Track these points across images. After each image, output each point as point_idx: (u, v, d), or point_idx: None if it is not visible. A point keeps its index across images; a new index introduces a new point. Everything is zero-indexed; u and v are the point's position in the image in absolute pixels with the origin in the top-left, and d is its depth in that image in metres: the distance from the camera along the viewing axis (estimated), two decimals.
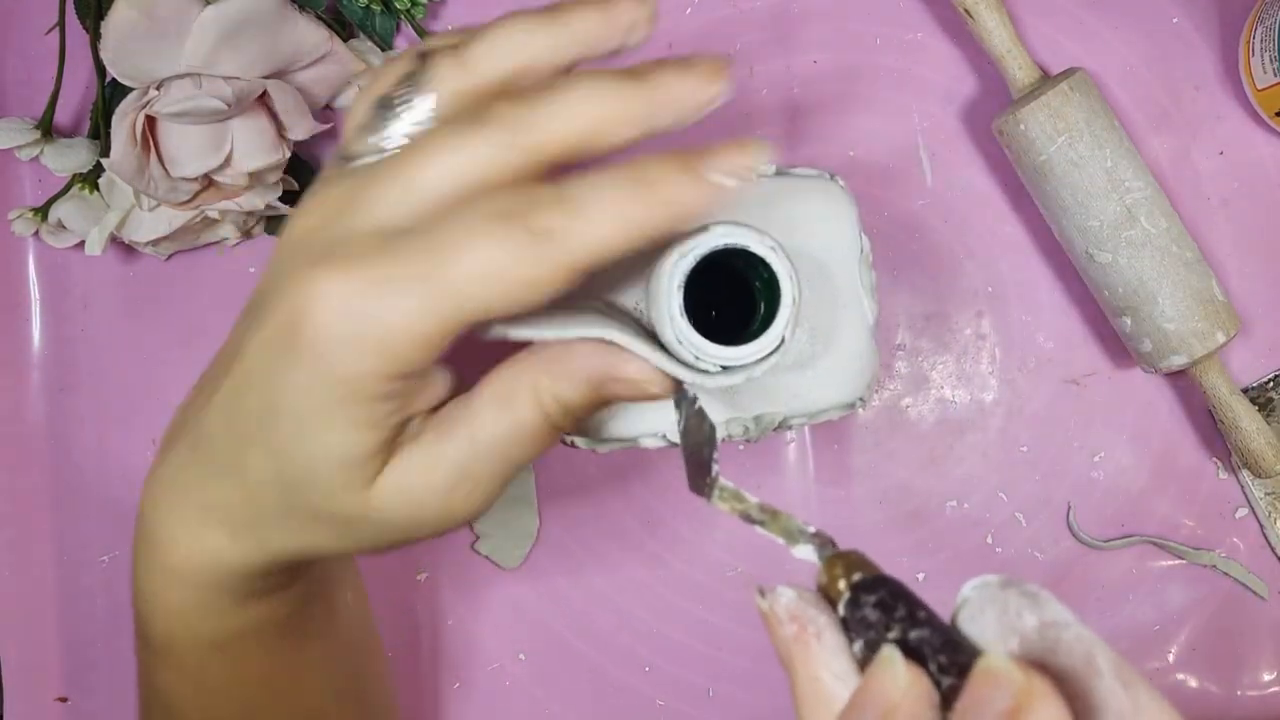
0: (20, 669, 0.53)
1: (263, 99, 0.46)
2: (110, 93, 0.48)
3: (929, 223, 0.52)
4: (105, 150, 0.47)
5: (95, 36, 0.47)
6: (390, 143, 0.28)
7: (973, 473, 0.52)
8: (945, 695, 0.22)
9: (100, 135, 0.48)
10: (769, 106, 0.52)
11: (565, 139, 0.26)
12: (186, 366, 0.52)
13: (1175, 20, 0.52)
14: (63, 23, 0.49)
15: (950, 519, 0.52)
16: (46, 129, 0.49)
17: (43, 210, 0.50)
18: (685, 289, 0.27)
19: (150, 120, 0.45)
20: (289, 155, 0.48)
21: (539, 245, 0.25)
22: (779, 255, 0.27)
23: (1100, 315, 0.51)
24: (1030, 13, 0.52)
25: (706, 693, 0.52)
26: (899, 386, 0.52)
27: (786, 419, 0.35)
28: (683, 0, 0.52)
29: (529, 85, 0.27)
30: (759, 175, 0.26)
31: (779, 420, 0.35)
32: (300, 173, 0.51)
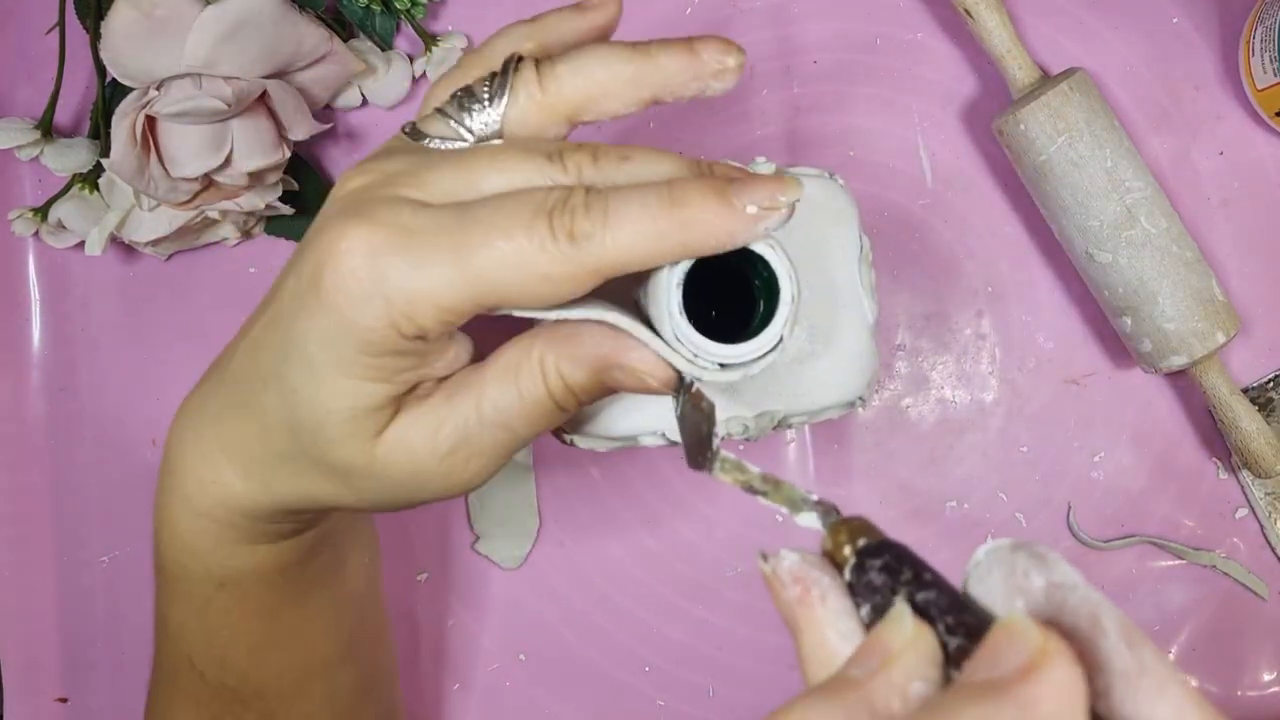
0: (20, 669, 0.53)
1: (263, 99, 0.46)
2: (110, 93, 0.48)
3: (929, 223, 0.52)
4: (105, 150, 0.47)
5: (95, 36, 0.47)
6: (463, 133, 0.29)
7: (973, 473, 0.52)
8: (952, 656, 0.22)
9: (100, 135, 0.49)
10: (769, 106, 0.52)
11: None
12: (186, 366, 0.52)
13: (1175, 20, 0.52)
14: (63, 23, 0.49)
15: (950, 519, 0.52)
16: (46, 129, 0.49)
17: (43, 210, 0.50)
18: (684, 287, 0.27)
19: (150, 120, 0.45)
20: (289, 155, 0.48)
21: (569, 246, 0.26)
22: (778, 253, 0.27)
23: (1100, 315, 0.51)
24: (1030, 13, 0.52)
25: (706, 693, 0.52)
26: (899, 386, 0.52)
27: (786, 417, 0.35)
28: (683, 0, 0.52)
29: (613, 148, 0.28)
30: (787, 205, 0.26)
31: (779, 419, 0.35)
32: (300, 173, 0.51)
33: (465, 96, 0.29)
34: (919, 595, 0.23)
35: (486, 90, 0.29)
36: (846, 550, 0.25)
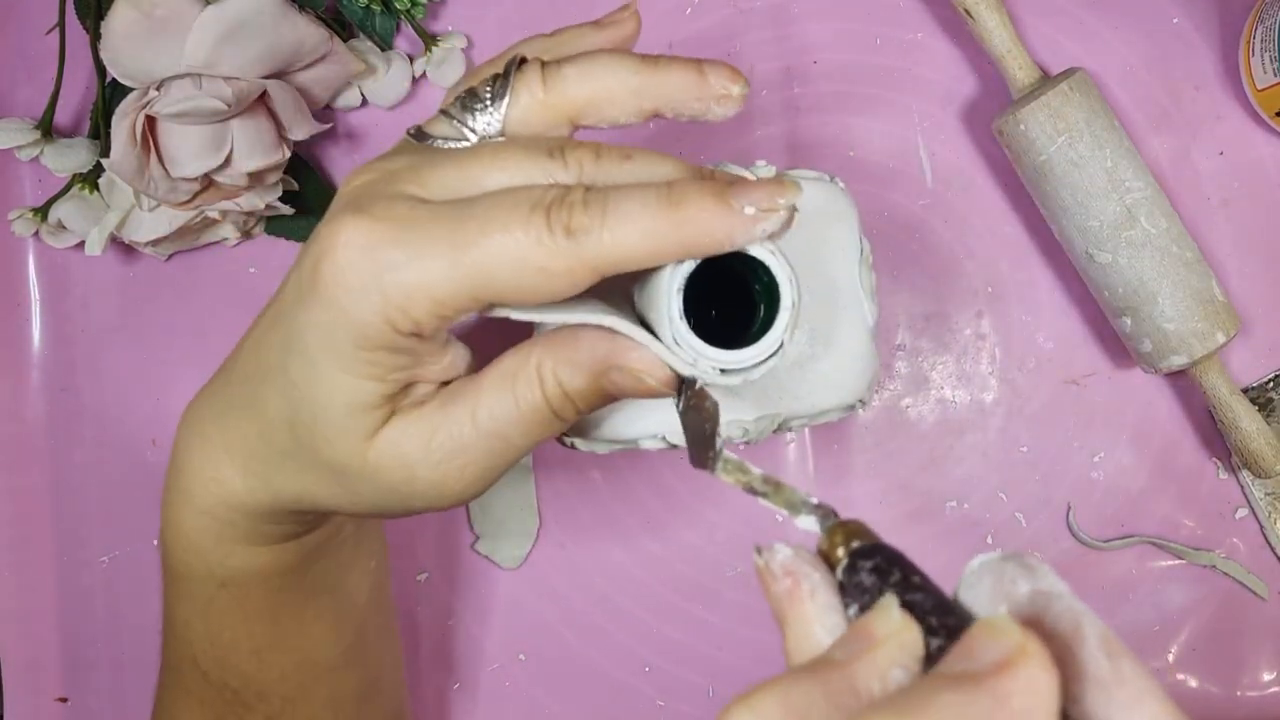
0: (20, 669, 0.53)
1: (263, 99, 0.46)
2: (110, 93, 0.48)
3: (929, 223, 0.52)
4: (105, 150, 0.47)
5: (95, 36, 0.47)
6: (466, 133, 0.29)
7: (973, 473, 0.52)
8: (934, 655, 0.22)
9: (100, 135, 0.48)
10: (769, 106, 0.52)
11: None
12: (186, 366, 0.53)
13: (1175, 20, 0.52)
14: (63, 23, 0.49)
15: (950, 519, 0.52)
16: (46, 129, 0.49)
17: (43, 210, 0.50)
18: (685, 291, 0.27)
19: (150, 120, 0.45)
20: (289, 155, 0.48)
21: (566, 242, 0.26)
22: (778, 259, 0.27)
23: (1100, 315, 0.51)
24: (1030, 13, 0.51)
25: (706, 693, 0.52)
26: (899, 386, 0.52)
27: (786, 420, 0.35)
28: (683, 1, 0.52)
29: (615, 147, 0.28)
30: (785, 207, 0.26)
31: (779, 422, 0.35)
32: (300, 173, 0.51)
33: (468, 97, 0.29)
34: (907, 596, 0.23)
35: (489, 90, 0.29)
36: (840, 551, 0.25)
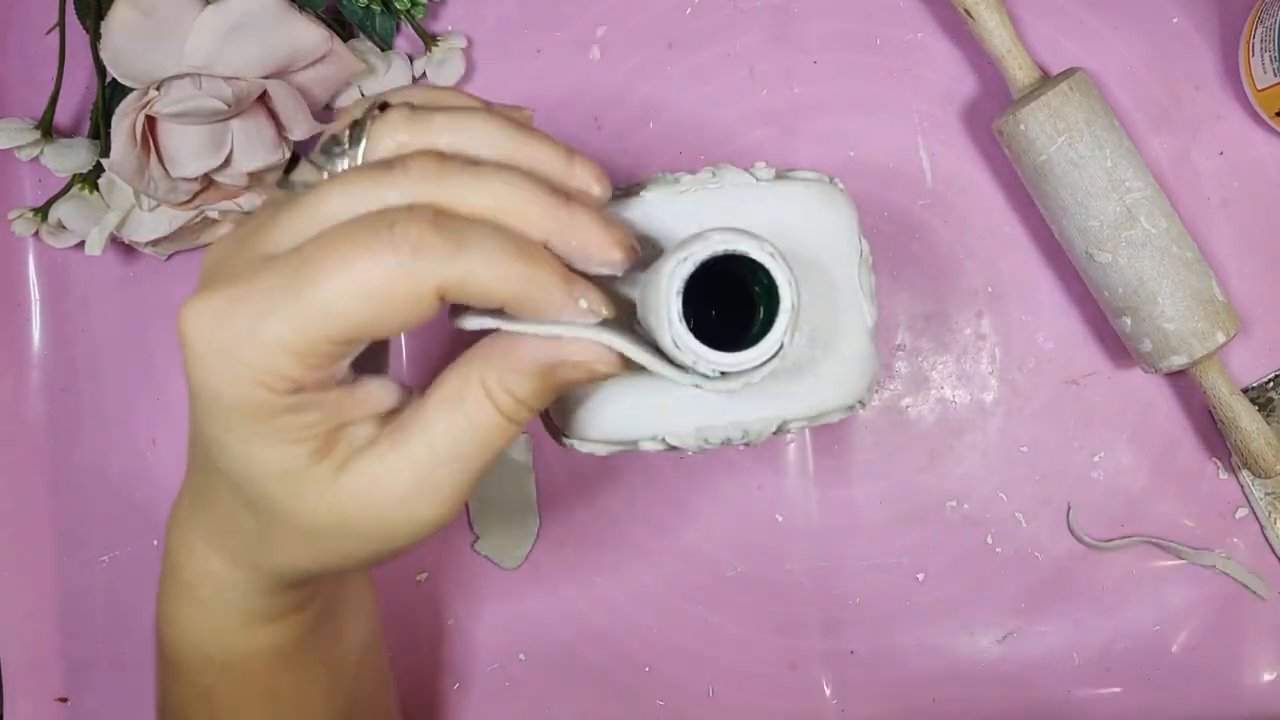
0: (20, 669, 0.53)
1: (263, 99, 0.46)
2: (110, 93, 0.48)
3: (929, 223, 0.52)
4: (105, 150, 0.47)
5: (95, 36, 0.47)
6: (326, 177, 0.28)
7: (973, 473, 0.52)
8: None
9: (100, 135, 0.48)
10: (769, 106, 0.52)
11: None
12: None
13: (1175, 20, 0.52)
14: (63, 23, 0.49)
15: (950, 519, 0.52)
16: (46, 129, 0.49)
17: (43, 210, 0.50)
18: (684, 294, 0.27)
19: (150, 120, 0.45)
20: (289, 155, 0.48)
21: (412, 260, 0.25)
22: (778, 261, 0.27)
23: (1100, 315, 0.51)
24: (1030, 13, 0.51)
25: (706, 693, 0.52)
26: (899, 386, 0.52)
27: (786, 422, 0.35)
28: (683, 1, 0.52)
29: (459, 155, 0.28)
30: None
31: (778, 424, 0.35)
32: None
33: (330, 141, 0.29)
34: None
35: (349, 133, 0.28)
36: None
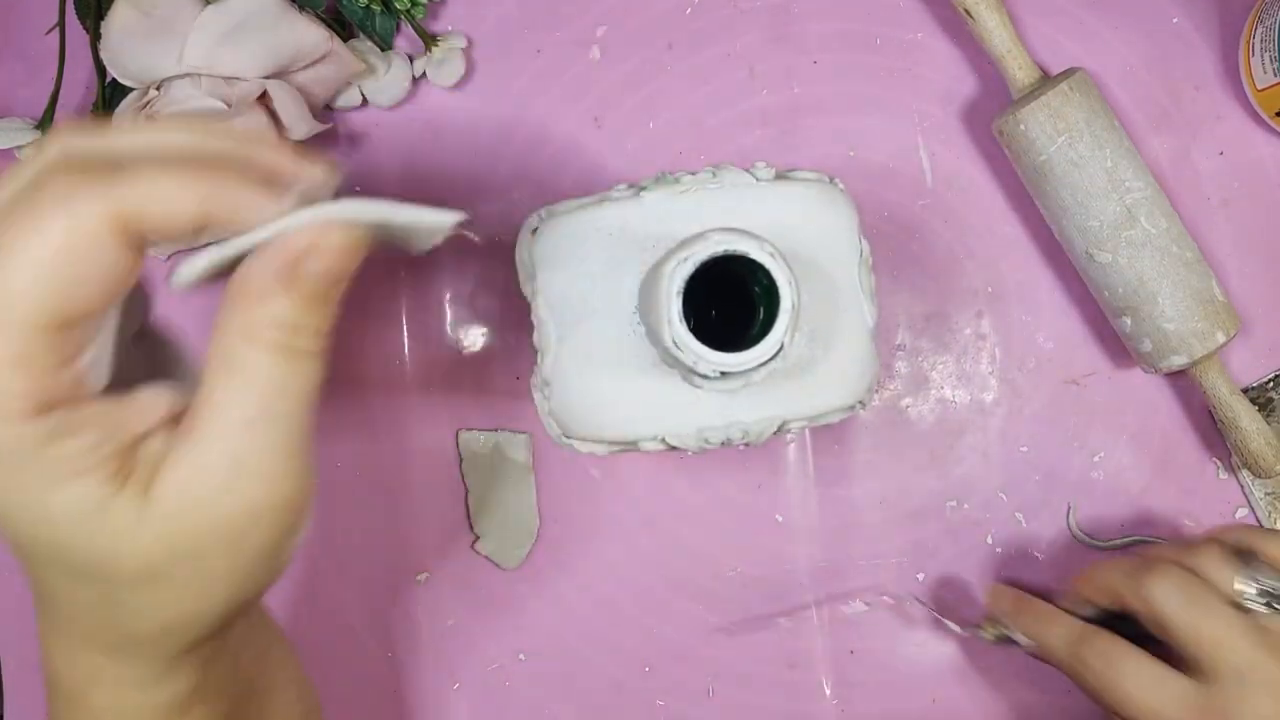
0: (20, 669, 0.53)
1: (263, 99, 0.46)
2: (110, 93, 0.48)
3: (929, 223, 0.52)
4: None
5: (95, 36, 0.47)
6: None
7: (973, 473, 0.52)
8: None
9: None
10: (769, 106, 0.52)
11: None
12: None
13: (1175, 20, 0.52)
14: (63, 23, 0.49)
15: (950, 519, 0.52)
16: (46, 129, 0.49)
17: None
18: (685, 294, 0.27)
19: (150, 120, 0.45)
20: None
21: (65, 198, 0.23)
22: (778, 262, 0.27)
23: (1100, 315, 0.51)
24: (1030, 13, 0.51)
25: (706, 693, 0.52)
26: (899, 386, 0.52)
27: (786, 422, 0.35)
28: (683, 1, 0.52)
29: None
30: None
31: (778, 424, 0.35)
32: None
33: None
34: None
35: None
36: None
